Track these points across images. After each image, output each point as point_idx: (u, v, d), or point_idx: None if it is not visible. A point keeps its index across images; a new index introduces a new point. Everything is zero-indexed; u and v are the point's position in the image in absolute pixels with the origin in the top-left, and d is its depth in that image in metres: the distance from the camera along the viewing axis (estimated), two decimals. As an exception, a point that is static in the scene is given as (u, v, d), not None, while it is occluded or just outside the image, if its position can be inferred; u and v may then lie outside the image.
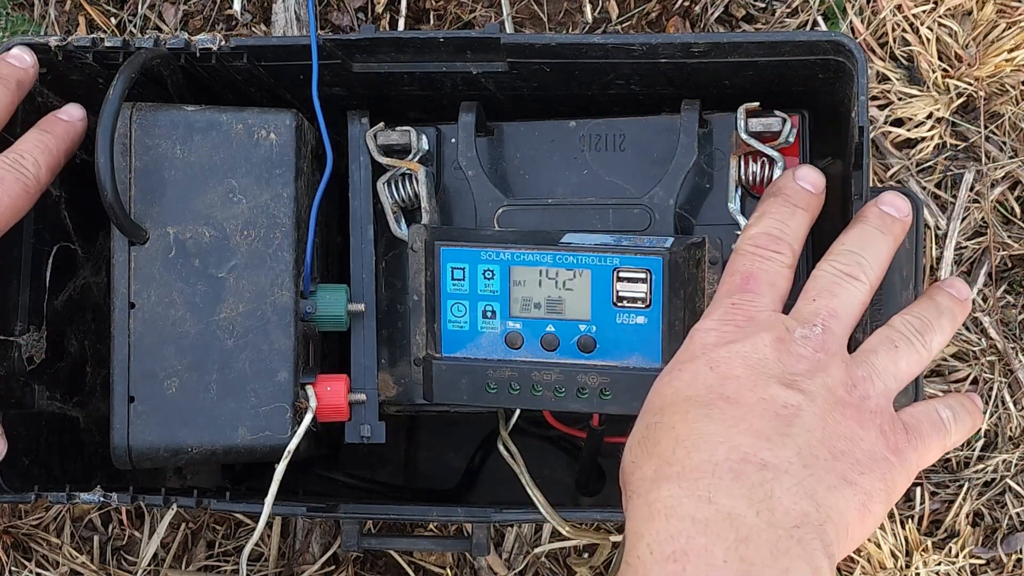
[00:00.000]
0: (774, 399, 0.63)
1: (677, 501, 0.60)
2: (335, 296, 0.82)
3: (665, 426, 0.64)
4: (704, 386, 0.65)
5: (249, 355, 0.80)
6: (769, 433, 0.62)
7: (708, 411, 0.63)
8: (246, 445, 0.80)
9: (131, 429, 0.79)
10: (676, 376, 0.67)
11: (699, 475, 0.60)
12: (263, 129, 0.80)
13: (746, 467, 0.60)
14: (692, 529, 0.59)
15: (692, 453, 0.62)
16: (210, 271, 0.80)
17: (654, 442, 0.64)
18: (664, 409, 0.65)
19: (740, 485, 0.60)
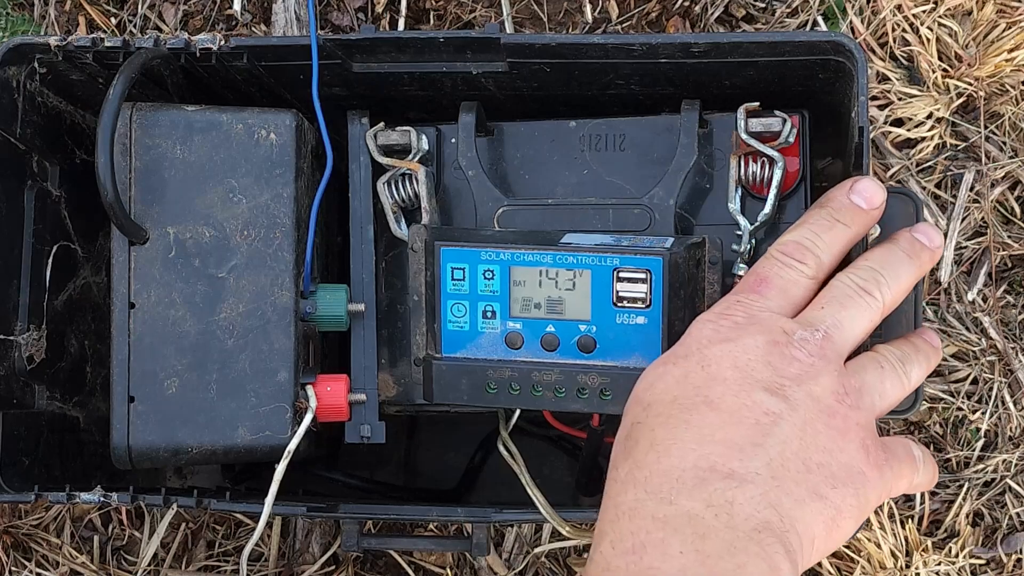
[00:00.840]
0: (756, 406, 0.63)
1: (641, 503, 0.61)
2: (335, 296, 0.82)
3: (646, 427, 0.64)
4: (692, 386, 0.64)
5: (249, 355, 0.80)
6: (743, 443, 0.62)
7: (688, 416, 0.63)
8: (246, 445, 0.79)
9: (131, 429, 0.79)
10: (668, 371, 0.66)
11: (664, 479, 0.61)
12: (263, 129, 0.80)
13: (711, 475, 0.61)
14: (652, 525, 0.60)
15: (663, 458, 0.62)
16: (210, 271, 0.80)
17: (633, 442, 0.64)
18: (650, 407, 0.65)
19: (702, 490, 0.60)
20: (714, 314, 0.68)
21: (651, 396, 0.66)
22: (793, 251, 0.70)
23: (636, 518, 0.60)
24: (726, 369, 0.64)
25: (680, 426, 0.63)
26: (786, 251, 0.70)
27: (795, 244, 0.70)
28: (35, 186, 0.85)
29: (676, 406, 0.64)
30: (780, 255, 0.70)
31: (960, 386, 1.05)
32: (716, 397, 0.63)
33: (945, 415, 1.05)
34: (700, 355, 0.66)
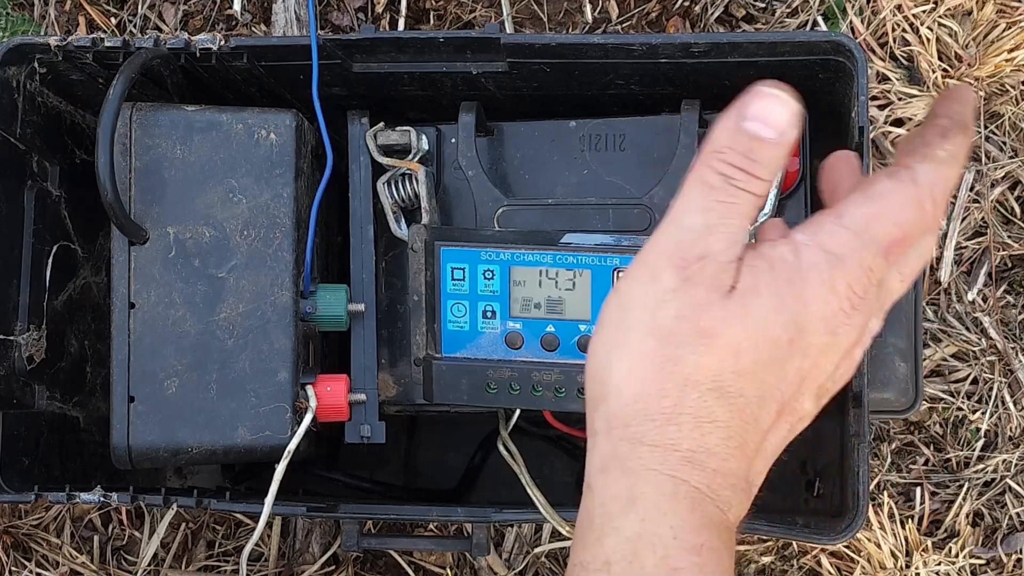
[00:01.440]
0: (795, 412, 0.59)
1: (703, 498, 0.56)
2: (335, 296, 0.82)
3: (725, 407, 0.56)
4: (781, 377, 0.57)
5: (249, 355, 0.80)
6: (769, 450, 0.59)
7: (760, 414, 0.57)
8: (246, 445, 0.79)
9: (131, 429, 0.79)
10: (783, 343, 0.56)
11: (725, 487, 0.56)
12: (263, 129, 0.80)
13: (748, 488, 0.58)
14: (712, 532, 0.56)
15: (729, 460, 0.56)
16: (210, 271, 0.80)
17: (708, 414, 0.56)
18: (743, 376, 0.56)
19: (741, 507, 0.57)
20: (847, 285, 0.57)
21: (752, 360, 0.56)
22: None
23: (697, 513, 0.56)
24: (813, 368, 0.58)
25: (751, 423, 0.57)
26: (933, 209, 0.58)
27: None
28: (35, 186, 0.85)
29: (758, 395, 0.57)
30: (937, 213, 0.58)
31: (960, 386, 1.05)
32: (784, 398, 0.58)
33: (945, 415, 1.05)
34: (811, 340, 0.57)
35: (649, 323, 0.56)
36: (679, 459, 0.56)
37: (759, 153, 0.55)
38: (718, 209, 0.56)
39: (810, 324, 0.56)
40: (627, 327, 0.57)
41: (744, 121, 0.55)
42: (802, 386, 0.57)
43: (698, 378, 0.56)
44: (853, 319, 0.57)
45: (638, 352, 0.56)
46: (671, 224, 0.56)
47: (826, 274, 0.56)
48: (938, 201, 0.57)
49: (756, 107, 0.56)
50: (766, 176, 0.56)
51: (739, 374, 0.56)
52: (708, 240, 0.56)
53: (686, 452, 0.56)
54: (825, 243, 0.56)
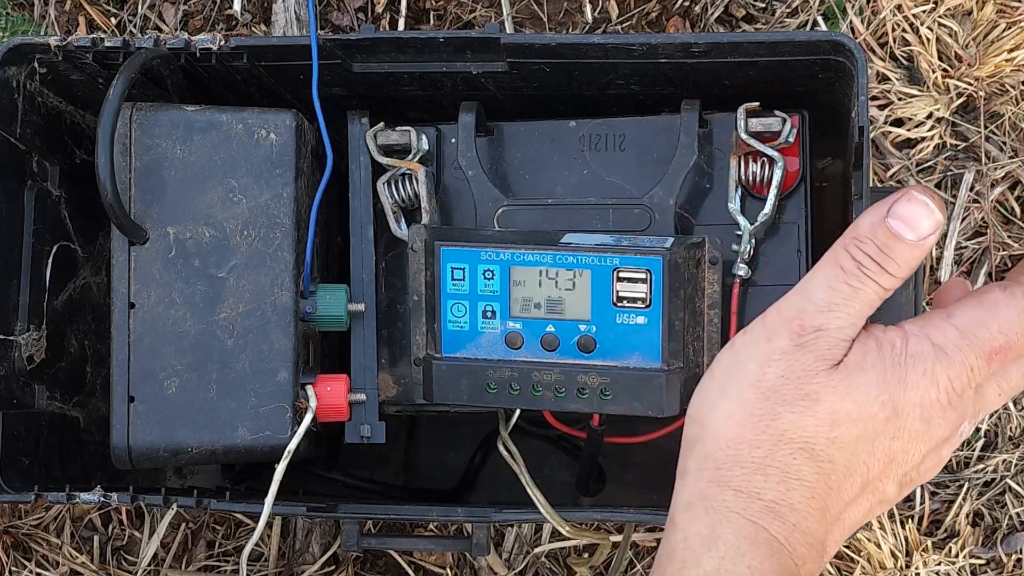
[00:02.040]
0: (879, 493, 0.62)
1: (780, 548, 0.59)
2: (335, 296, 0.82)
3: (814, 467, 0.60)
4: (871, 455, 0.60)
5: (249, 355, 0.80)
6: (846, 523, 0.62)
7: (844, 484, 0.60)
8: (246, 445, 0.79)
9: (131, 429, 0.79)
10: (878, 422, 0.60)
11: (802, 543, 0.60)
12: (263, 129, 0.80)
13: (822, 551, 0.61)
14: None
15: (808, 519, 0.60)
16: (210, 271, 0.80)
17: (798, 468, 0.59)
18: (835, 442, 0.59)
19: (814, 566, 0.60)
20: (948, 379, 0.61)
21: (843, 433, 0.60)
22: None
23: (774, 560, 0.59)
24: (901, 452, 0.61)
25: (834, 491, 0.60)
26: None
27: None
28: (35, 186, 0.85)
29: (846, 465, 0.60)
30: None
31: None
32: (873, 481, 0.61)
33: (945, 415, 1.05)
34: (902, 424, 0.60)
35: (756, 377, 0.61)
36: (762, 507, 0.59)
37: (895, 251, 0.60)
38: (844, 291, 0.60)
39: (906, 409, 0.60)
40: (735, 378, 0.61)
41: (889, 218, 0.60)
42: (888, 468, 0.61)
43: (792, 436, 0.60)
44: (948, 414, 0.60)
45: (740, 402, 0.61)
46: (798, 294, 0.62)
47: (930, 364, 0.60)
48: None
49: (904, 209, 0.60)
50: (897, 273, 0.60)
51: (832, 441, 0.59)
52: (828, 316, 0.60)
53: (769, 502, 0.59)
54: (933, 336, 0.60)
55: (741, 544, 0.59)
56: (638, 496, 0.97)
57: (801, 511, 0.59)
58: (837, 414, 0.59)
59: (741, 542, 0.59)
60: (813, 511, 0.59)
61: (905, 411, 0.60)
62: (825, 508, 0.60)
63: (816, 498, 0.59)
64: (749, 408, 0.60)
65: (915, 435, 0.61)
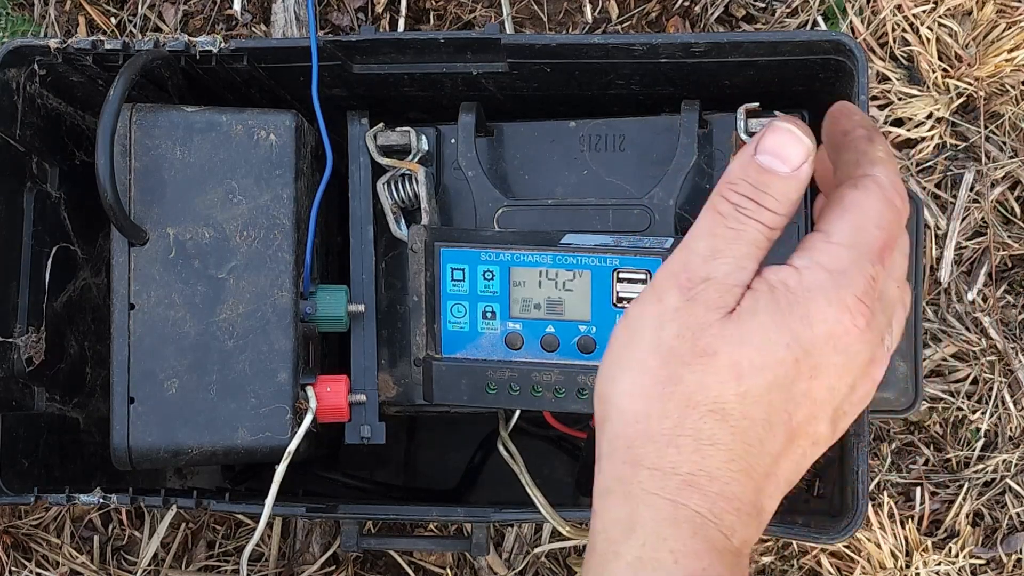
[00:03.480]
0: (810, 435, 0.58)
1: (704, 522, 0.56)
2: (335, 297, 0.82)
3: (728, 429, 0.56)
4: (790, 402, 0.56)
5: (249, 356, 0.80)
6: (780, 476, 0.58)
7: (767, 438, 0.56)
8: (246, 446, 0.80)
9: (131, 430, 0.79)
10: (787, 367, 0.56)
11: (728, 510, 0.56)
12: (263, 130, 0.80)
13: (755, 512, 0.57)
14: (715, 556, 0.55)
15: (731, 483, 0.56)
16: (210, 272, 0.80)
17: (710, 434, 0.56)
18: (746, 397, 0.55)
19: (746, 531, 0.56)
20: (855, 299, 0.56)
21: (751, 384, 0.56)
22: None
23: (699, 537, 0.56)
24: (824, 389, 0.57)
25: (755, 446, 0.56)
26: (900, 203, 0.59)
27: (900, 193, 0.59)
28: (35, 188, 0.85)
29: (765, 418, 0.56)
30: (902, 204, 0.59)
31: (960, 386, 1.05)
32: (798, 427, 0.57)
33: (945, 415, 1.05)
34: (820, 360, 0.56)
35: (652, 343, 0.57)
36: (679, 483, 0.56)
37: (770, 186, 0.57)
38: (726, 235, 0.57)
39: (817, 344, 0.56)
40: (632, 347, 0.57)
41: (758, 154, 0.57)
42: (815, 408, 0.57)
43: (699, 398, 0.56)
44: (865, 335, 0.56)
45: (640, 371, 0.57)
46: (681, 248, 0.58)
47: (832, 292, 0.56)
48: (902, 195, 0.58)
49: (770, 141, 0.57)
50: (777, 209, 0.57)
51: (741, 397, 0.56)
52: (713, 264, 0.56)
53: (686, 475, 0.56)
54: (823, 261, 0.56)
55: (661, 527, 0.55)
56: (638, 496, 0.97)
57: (722, 478, 0.56)
58: (739, 366, 0.56)
59: (660, 525, 0.55)
60: (735, 474, 0.56)
61: (816, 347, 0.56)
62: (749, 468, 0.56)
63: (736, 459, 0.56)
64: (650, 376, 0.56)
65: (835, 369, 0.56)
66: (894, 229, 0.58)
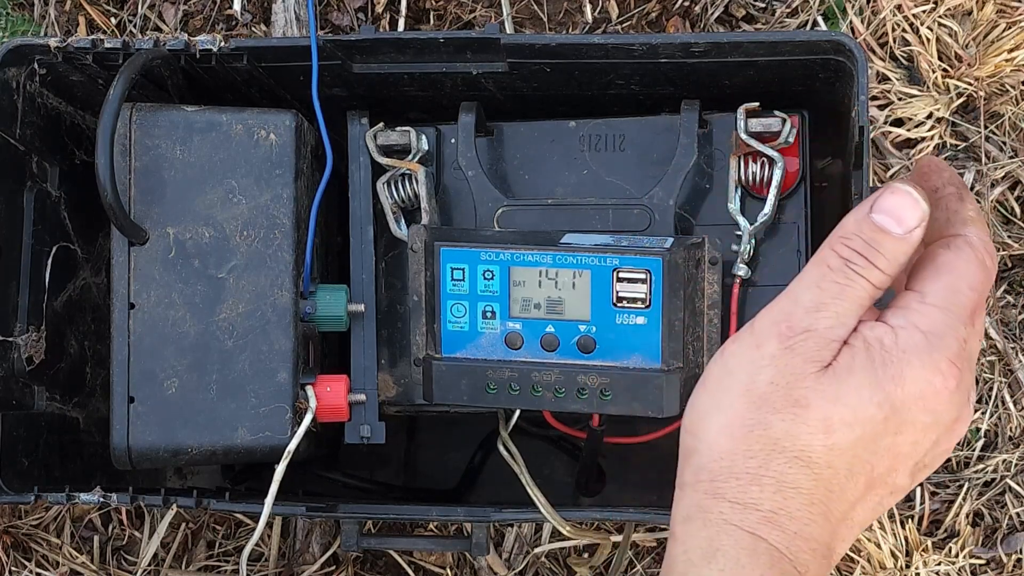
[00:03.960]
0: (889, 485, 0.60)
1: (781, 558, 0.58)
2: (335, 296, 0.82)
3: (812, 476, 0.58)
4: (873, 455, 0.58)
5: (249, 356, 0.80)
6: (855, 520, 0.60)
7: (846, 485, 0.59)
8: (246, 445, 0.80)
9: (131, 429, 0.79)
10: (874, 424, 0.58)
11: (804, 550, 0.59)
12: (263, 129, 0.80)
13: (829, 554, 0.60)
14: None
15: (810, 525, 0.59)
16: (210, 272, 0.80)
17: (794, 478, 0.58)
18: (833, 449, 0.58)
19: (820, 570, 0.59)
20: (948, 362, 0.58)
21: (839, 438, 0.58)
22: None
23: (775, 570, 0.59)
24: (908, 445, 0.59)
25: (836, 493, 0.59)
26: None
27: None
28: (35, 187, 0.85)
29: (847, 469, 0.59)
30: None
31: (960, 386, 1.05)
32: (878, 477, 0.59)
33: (945, 415, 1.05)
34: (906, 418, 0.58)
35: (746, 386, 0.59)
36: (759, 518, 0.58)
37: (882, 245, 0.58)
38: (832, 290, 0.58)
39: (907, 403, 0.58)
40: (726, 387, 0.60)
41: (874, 213, 0.58)
42: (896, 462, 0.59)
43: (786, 445, 0.58)
44: (954, 396, 0.58)
45: (731, 412, 0.59)
46: (785, 297, 0.60)
47: (926, 355, 0.58)
48: (992, 255, 0.60)
49: (889, 202, 0.59)
50: (885, 268, 0.59)
51: (829, 449, 0.58)
52: (816, 316, 0.58)
53: (767, 512, 0.58)
54: (919, 323, 0.58)
55: (740, 556, 0.58)
56: (638, 496, 0.97)
57: (801, 519, 0.58)
58: (830, 420, 0.58)
59: (740, 554, 0.58)
60: (814, 517, 0.58)
61: (906, 406, 0.58)
62: (827, 512, 0.59)
63: (816, 504, 0.58)
64: (740, 418, 0.59)
65: (922, 427, 0.59)
66: (984, 290, 0.59)
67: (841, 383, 0.58)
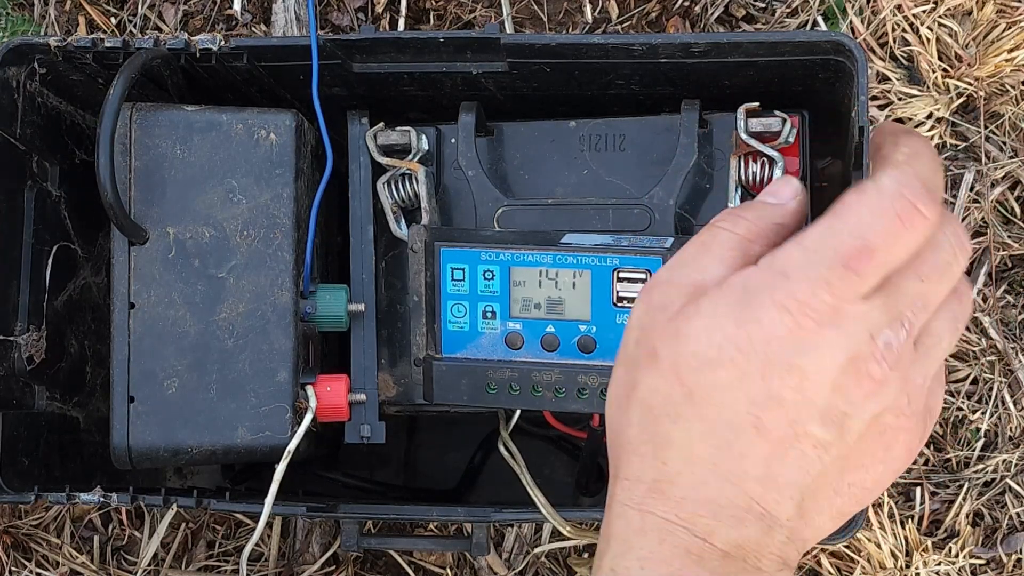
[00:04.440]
0: (807, 437, 0.54)
1: (673, 528, 0.55)
2: (335, 296, 0.82)
3: (682, 430, 0.54)
4: (745, 399, 0.54)
5: (249, 355, 0.80)
6: (782, 481, 0.55)
7: (734, 439, 0.54)
8: (246, 445, 0.80)
9: (131, 429, 0.79)
10: (723, 360, 0.53)
11: (700, 511, 0.54)
12: (263, 129, 0.80)
13: (747, 515, 0.55)
14: (685, 560, 0.54)
15: (700, 487, 0.54)
16: (210, 271, 0.80)
17: (665, 441, 0.54)
18: (692, 397, 0.54)
19: (737, 531, 0.54)
20: (797, 301, 0.53)
21: (696, 383, 0.54)
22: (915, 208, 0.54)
23: (667, 544, 0.55)
24: (788, 389, 0.54)
25: (723, 449, 0.54)
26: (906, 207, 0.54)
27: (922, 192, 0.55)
28: (35, 186, 0.85)
29: (723, 419, 0.54)
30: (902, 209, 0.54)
31: (960, 386, 1.05)
32: (768, 423, 0.54)
33: (945, 415, 1.05)
34: (766, 359, 0.53)
35: (621, 351, 0.56)
36: (643, 491, 0.55)
37: (751, 207, 0.57)
38: (693, 245, 0.56)
39: (760, 344, 0.53)
40: (616, 360, 0.57)
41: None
42: (787, 410, 0.54)
43: (652, 402, 0.54)
44: (825, 333, 0.53)
45: (613, 384, 0.56)
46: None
47: (771, 293, 0.53)
48: (916, 201, 0.54)
49: (769, 186, 0.59)
50: (753, 220, 0.56)
51: (688, 396, 0.54)
52: (673, 269, 0.56)
53: (650, 483, 0.55)
54: (776, 263, 0.54)
55: (629, 537, 0.55)
56: (638, 496, 0.97)
57: (685, 483, 0.54)
58: (677, 366, 0.53)
59: (629, 535, 0.55)
60: (703, 476, 0.54)
61: (759, 347, 0.53)
62: (722, 471, 0.54)
63: (700, 462, 0.54)
64: (618, 386, 0.56)
65: (789, 368, 0.53)
66: (877, 239, 0.53)
67: (682, 325, 0.54)
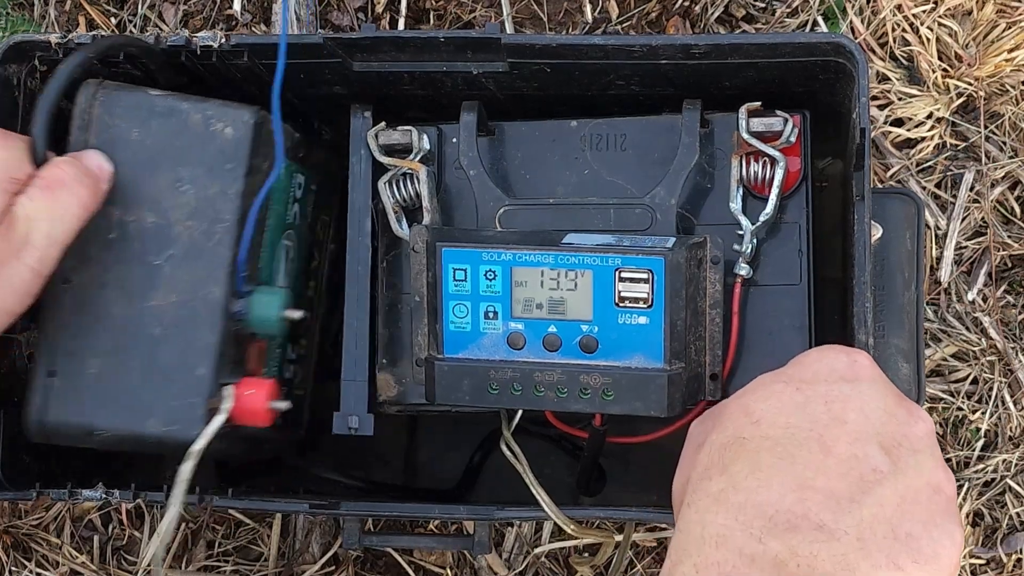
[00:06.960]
0: (867, 459, 0.62)
1: (730, 533, 0.60)
2: (270, 299, 0.80)
3: (751, 447, 0.63)
4: (809, 419, 0.63)
5: (174, 346, 0.77)
6: (841, 496, 0.60)
7: (797, 452, 0.62)
8: (157, 436, 0.77)
9: (48, 403, 0.77)
10: (787, 393, 0.65)
11: (757, 514, 0.60)
12: (220, 122, 0.78)
13: (803, 523, 0.59)
14: (738, 561, 0.59)
15: (762, 489, 0.61)
16: (148, 257, 0.77)
17: (733, 456, 0.63)
18: (760, 424, 0.64)
19: (791, 537, 0.59)
20: (848, 348, 0.67)
21: (763, 412, 0.64)
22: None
23: (723, 548, 0.59)
24: (850, 411, 0.63)
25: (786, 459, 0.62)
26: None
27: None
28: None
29: (788, 435, 0.63)
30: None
31: (960, 386, 1.05)
32: (831, 440, 0.62)
33: (945, 415, 1.05)
34: (826, 388, 0.64)
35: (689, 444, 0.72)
36: (709, 502, 0.62)
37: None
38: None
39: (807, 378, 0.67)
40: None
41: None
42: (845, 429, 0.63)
43: (722, 440, 0.66)
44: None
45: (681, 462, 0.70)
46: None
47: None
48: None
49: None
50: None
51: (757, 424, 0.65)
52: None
53: (716, 494, 0.62)
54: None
55: (688, 546, 0.61)
56: (638, 496, 0.97)
57: (748, 486, 0.61)
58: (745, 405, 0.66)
59: (688, 544, 0.61)
60: (765, 481, 0.61)
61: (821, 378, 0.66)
62: (779, 474, 0.62)
63: (765, 469, 0.62)
64: (685, 457, 0.70)
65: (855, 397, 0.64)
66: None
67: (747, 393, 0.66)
